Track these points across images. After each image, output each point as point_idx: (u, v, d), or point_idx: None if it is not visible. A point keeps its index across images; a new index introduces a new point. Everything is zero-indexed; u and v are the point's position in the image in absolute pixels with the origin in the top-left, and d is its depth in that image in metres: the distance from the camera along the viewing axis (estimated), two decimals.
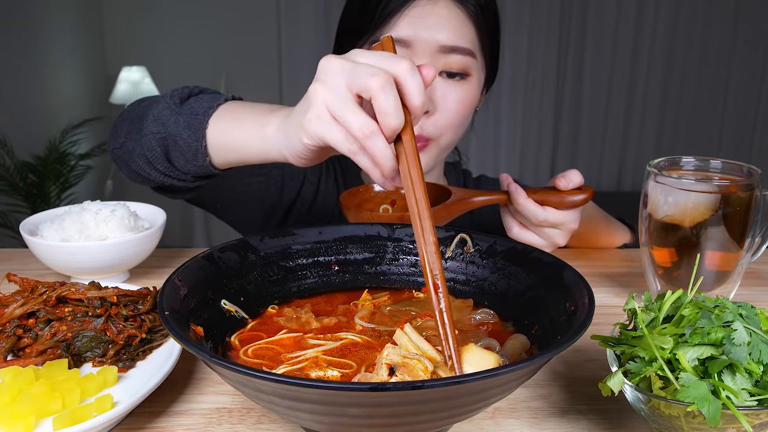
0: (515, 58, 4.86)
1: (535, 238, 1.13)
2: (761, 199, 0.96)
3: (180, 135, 1.00)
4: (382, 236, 0.95)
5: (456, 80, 1.24)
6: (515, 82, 4.93)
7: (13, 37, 3.82)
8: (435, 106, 1.23)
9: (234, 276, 0.84)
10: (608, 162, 5.04)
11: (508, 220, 1.16)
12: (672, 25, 4.84)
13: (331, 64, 0.75)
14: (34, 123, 4.06)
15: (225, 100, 1.02)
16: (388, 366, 0.67)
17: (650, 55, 4.89)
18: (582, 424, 0.76)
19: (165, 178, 1.08)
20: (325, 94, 0.75)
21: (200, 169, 1.03)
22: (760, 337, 0.65)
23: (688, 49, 4.88)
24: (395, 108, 0.72)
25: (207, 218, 4.90)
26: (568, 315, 0.71)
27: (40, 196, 3.97)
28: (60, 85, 4.37)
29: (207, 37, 4.78)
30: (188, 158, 1.02)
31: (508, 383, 0.60)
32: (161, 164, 1.05)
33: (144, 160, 1.07)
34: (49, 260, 1.08)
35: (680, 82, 4.95)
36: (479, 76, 1.30)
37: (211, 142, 0.98)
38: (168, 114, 1.02)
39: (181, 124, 1.00)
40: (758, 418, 0.62)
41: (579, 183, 1.13)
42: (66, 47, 4.42)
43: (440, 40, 1.19)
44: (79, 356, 0.82)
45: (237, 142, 0.95)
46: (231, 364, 0.56)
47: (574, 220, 1.12)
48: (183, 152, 1.01)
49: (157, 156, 1.04)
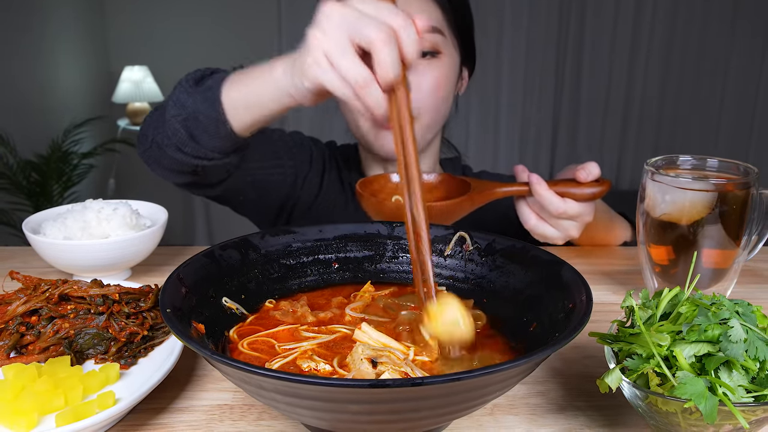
0: (514, 57, 4.86)
1: (551, 230, 1.13)
2: (758, 197, 0.96)
3: (199, 110, 1.03)
4: (382, 234, 0.95)
5: (427, 59, 1.30)
6: (514, 81, 4.93)
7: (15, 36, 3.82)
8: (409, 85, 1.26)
9: (235, 274, 0.85)
10: (606, 161, 5.04)
11: (525, 211, 1.14)
12: (670, 25, 4.83)
13: (334, 13, 0.80)
14: (36, 122, 4.06)
15: (234, 69, 1.06)
16: (369, 359, 0.68)
17: (648, 54, 4.89)
18: (580, 420, 0.76)
19: (195, 161, 1.10)
20: (325, 42, 0.80)
21: (225, 140, 1.06)
22: (756, 335, 0.65)
23: (685, 48, 4.88)
24: (394, 62, 0.76)
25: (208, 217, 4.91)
26: (566, 312, 0.72)
27: (43, 195, 3.97)
28: (63, 84, 4.38)
29: (209, 37, 4.78)
30: (211, 133, 1.05)
31: (507, 380, 0.61)
32: (189, 146, 1.08)
33: (173, 149, 1.09)
34: (51, 258, 1.09)
35: (678, 82, 4.95)
36: (451, 54, 1.35)
37: (228, 106, 1.02)
38: (185, 96, 1.06)
39: (198, 100, 1.04)
40: (754, 415, 0.62)
41: (597, 175, 1.13)
42: (69, 46, 4.43)
43: None
44: (81, 353, 0.83)
45: (251, 96, 0.99)
46: (232, 361, 0.57)
47: (589, 213, 1.13)
48: (205, 128, 1.05)
49: (182, 138, 1.07)
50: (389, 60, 0.75)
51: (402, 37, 0.77)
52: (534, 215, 1.14)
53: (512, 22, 4.76)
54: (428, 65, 1.30)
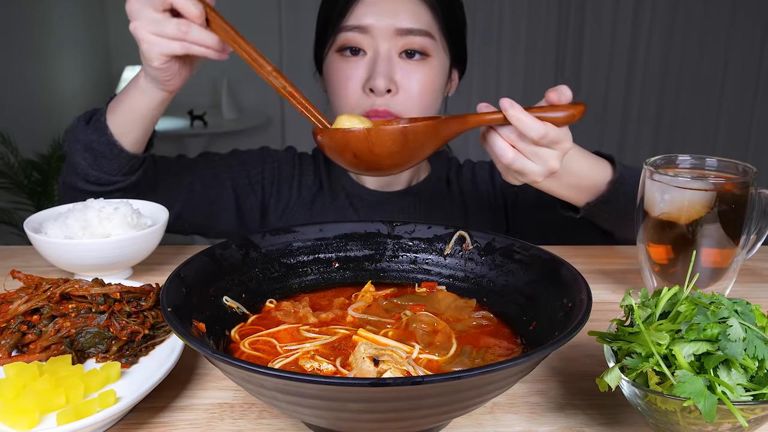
0: (513, 56, 4.86)
1: (530, 164, 0.99)
2: (756, 196, 0.96)
3: (92, 140, 1.20)
4: (382, 233, 0.95)
5: (416, 60, 1.32)
6: (513, 81, 4.93)
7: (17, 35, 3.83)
8: (397, 86, 1.30)
9: (236, 273, 0.85)
10: None
11: (499, 144, 0.99)
12: (668, 25, 4.83)
13: (133, 3, 1.02)
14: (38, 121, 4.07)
15: (110, 100, 1.24)
16: (371, 358, 0.68)
17: (647, 53, 4.89)
18: (579, 418, 0.76)
19: (104, 188, 1.25)
20: (143, 26, 1.02)
21: (122, 160, 1.22)
22: (755, 333, 0.65)
23: (684, 48, 4.88)
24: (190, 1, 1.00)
25: None
26: (565, 311, 0.72)
27: (44, 194, 3.98)
28: (64, 84, 4.38)
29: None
30: (108, 156, 1.22)
31: (507, 378, 0.61)
32: (92, 174, 1.23)
33: (82, 182, 1.25)
34: (53, 257, 1.09)
35: (677, 81, 4.95)
36: (441, 58, 1.36)
37: (115, 127, 1.20)
38: (80, 132, 1.22)
39: (89, 132, 1.21)
40: (753, 413, 0.62)
41: (570, 98, 1.01)
42: (70, 46, 4.43)
43: (396, 24, 1.29)
44: (82, 352, 0.83)
45: (127, 109, 1.18)
46: (233, 360, 0.57)
47: (568, 138, 1.01)
48: (102, 153, 1.21)
49: (85, 168, 1.23)
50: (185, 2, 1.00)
51: None
52: (510, 148, 0.98)
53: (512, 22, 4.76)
54: (417, 67, 1.31)
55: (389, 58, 1.30)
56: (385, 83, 1.27)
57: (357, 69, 1.31)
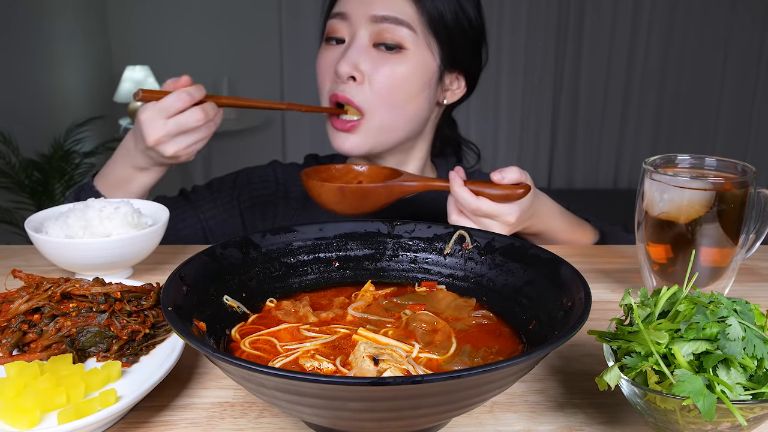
0: (513, 56, 4.87)
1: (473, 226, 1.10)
2: (755, 196, 0.96)
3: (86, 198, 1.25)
4: (382, 233, 0.96)
5: (391, 53, 1.27)
6: (513, 81, 4.94)
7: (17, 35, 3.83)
8: (362, 75, 1.27)
9: (236, 272, 0.85)
10: (605, 160, 5.04)
11: (449, 206, 1.16)
12: (668, 25, 4.84)
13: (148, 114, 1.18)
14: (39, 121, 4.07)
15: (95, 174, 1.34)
16: (371, 357, 0.68)
17: (647, 53, 4.90)
18: (579, 417, 0.76)
19: None
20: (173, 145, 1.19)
21: None
22: (754, 332, 0.65)
23: (684, 47, 4.89)
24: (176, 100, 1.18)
25: None
26: (565, 310, 0.72)
27: (45, 194, 3.98)
28: (65, 84, 4.38)
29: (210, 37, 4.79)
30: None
31: (507, 378, 0.61)
32: None
33: None
34: (53, 257, 1.09)
35: (676, 81, 4.96)
36: (421, 54, 1.29)
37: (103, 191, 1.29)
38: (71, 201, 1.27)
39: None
40: (752, 412, 0.62)
41: (514, 179, 1.11)
42: (71, 46, 4.44)
43: (371, 11, 1.26)
44: (83, 351, 0.83)
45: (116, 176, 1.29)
46: (233, 359, 0.57)
47: (509, 213, 1.12)
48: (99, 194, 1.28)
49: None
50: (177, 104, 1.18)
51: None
52: (456, 210, 1.15)
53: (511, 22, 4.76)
54: (386, 59, 1.26)
55: (360, 45, 1.27)
56: (347, 69, 1.25)
57: (332, 56, 1.31)
